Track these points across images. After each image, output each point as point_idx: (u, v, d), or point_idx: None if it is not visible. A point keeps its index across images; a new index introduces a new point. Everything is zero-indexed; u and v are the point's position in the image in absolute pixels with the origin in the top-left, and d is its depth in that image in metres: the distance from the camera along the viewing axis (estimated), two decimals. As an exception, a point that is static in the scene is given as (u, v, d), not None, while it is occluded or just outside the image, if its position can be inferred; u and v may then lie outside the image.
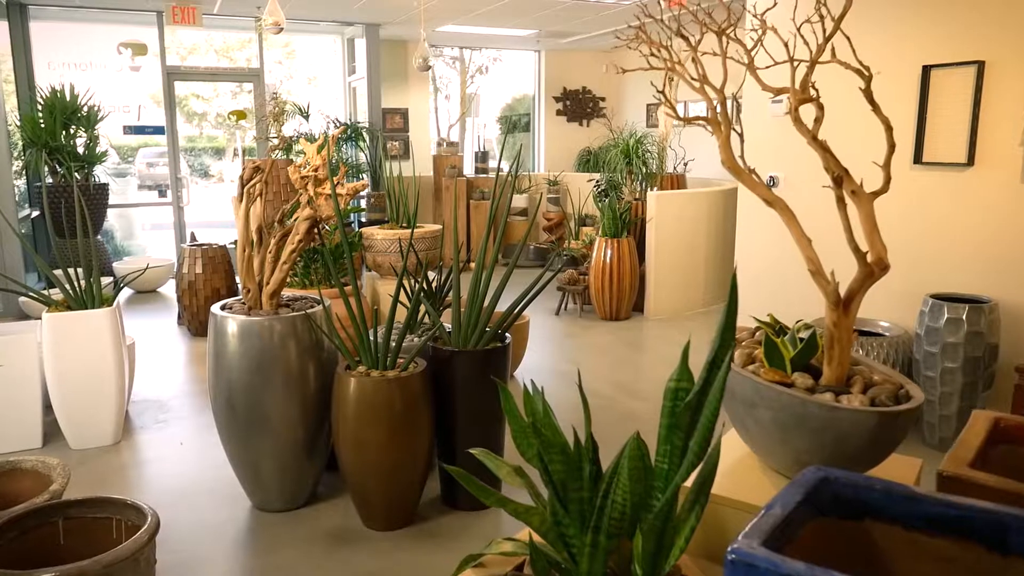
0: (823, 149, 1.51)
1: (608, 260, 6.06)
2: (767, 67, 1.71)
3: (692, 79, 1.70)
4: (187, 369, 4.99)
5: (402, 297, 3.69)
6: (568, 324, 6.10)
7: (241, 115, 8.24)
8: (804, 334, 1.59)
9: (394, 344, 2.87)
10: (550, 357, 5.21)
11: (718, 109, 1.64)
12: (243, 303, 3.00)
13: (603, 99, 11.07)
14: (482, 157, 9.11)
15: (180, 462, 3.53)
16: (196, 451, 3.65)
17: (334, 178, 4.18)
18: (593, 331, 5.89)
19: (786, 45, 1.56)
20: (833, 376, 1.47)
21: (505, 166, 11.05)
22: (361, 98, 9.14)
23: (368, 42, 8.59)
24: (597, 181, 7.43)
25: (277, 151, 6.29)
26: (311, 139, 7.59)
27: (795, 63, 1.55)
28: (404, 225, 4.65)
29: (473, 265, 8.21)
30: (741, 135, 1.58)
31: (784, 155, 4.87)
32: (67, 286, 3.61)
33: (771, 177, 4.94)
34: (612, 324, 6.10)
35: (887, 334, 3.92)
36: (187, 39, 9.26)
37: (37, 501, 2.24)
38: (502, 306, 3.18)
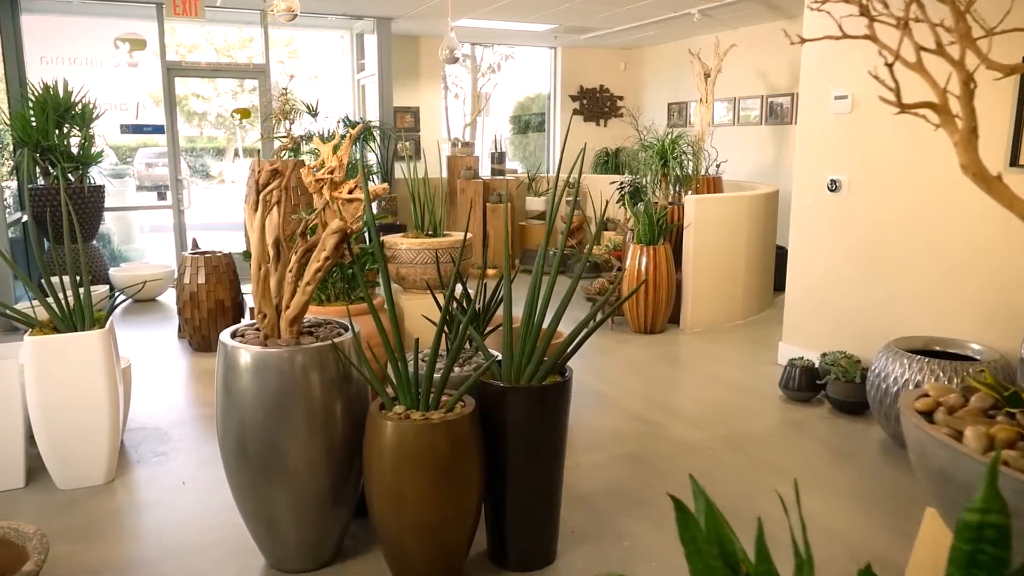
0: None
1: (643, 268, 5.62)
2: (980, 37, 1.26)
3: (919, 49, 1.25)
4: (189, 390, 4.54)
5: (434, 315, 3.25)
6: (600, 337, 5.65)
7: (245, 114, 7.79)
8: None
9: (438, 376, 2.43)
10: (584, 374, 4.76)
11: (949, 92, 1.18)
12: (257, 330, 2.55)
13: (621, 98, 10.64)
14: (499, 158, 8.66)
15: (181, 506, 3.08)
16: (200, 492, 3.20)
17: (352, 181, 3.73)
18: (628, 345, 5.45)
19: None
20: None
21: (518, 166, 10.62)
22: (370, 96, 8.70)
23: (380, 37, 8.15)
24: (621, 183, 6.99)
25: (286, 151, 5.85)
26: (325, 138, 7.15)
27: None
28: (430, 233, 4.20)
29: (491, 272, 7.72)
30: (975, 130, 1.13)
31: (847, 156, 4.42)
32: (53, 305, 3.16)
33: (832, 181, 4.50)
34: (647, 338, 5.65)
35: (980, 358, 3.48)
36: (186, 37, 8.79)
37: (6, 586, 1.79)
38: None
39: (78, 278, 3.32)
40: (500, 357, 2.61)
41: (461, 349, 2.44)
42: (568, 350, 2.56)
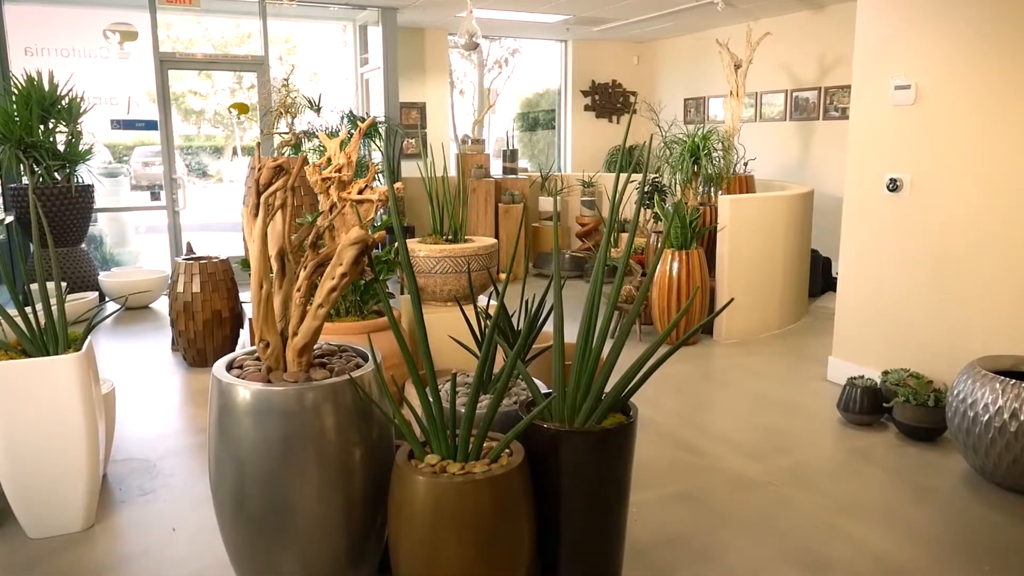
0: None
1: (675, 274, 5.19)
2: None
3: None
4: (182, 414, 4.10)
5: (459, 333, 2.84)
6: (629, 350, 5.18)
7: (243, 109, 7.36)
8: None
9: (482, 411, 2.00)
10: (617, 394, 4.33)
11: None
12: (258, 360, 2.12)
13: (634, 93, 10.22)
14: (511, 156, 8.23)
15: (171, 558, 2.65)
16: (193, 540, 2.76)
17: (361, 180, 3.32)
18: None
19: None
20: None
21: (526, 164, 10.18)
22: (374, 91, 8.27)
23: (384, 28, 7.72)
24: (641, 182, 6.57)
25: (287, 148, 5.42)
26: (331, 134, 6.71)
27: None
28: (449, 238, 3.78)
29: (502, 276, 7.30)
30: None
31: (909, 153, 4.00)
32: (20, 323, 2.73)
33: (892, 180, 4.07)
34: (680, 350, 5.20)
35: (1079, 381, 3.06)
36: (182, 33, 8.37)
37: None
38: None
39: (52, 292, 2.89)
40: (552, 393, 2.18)
41: (507, 385, 2.01)
42: (632, 383, 2.14)
